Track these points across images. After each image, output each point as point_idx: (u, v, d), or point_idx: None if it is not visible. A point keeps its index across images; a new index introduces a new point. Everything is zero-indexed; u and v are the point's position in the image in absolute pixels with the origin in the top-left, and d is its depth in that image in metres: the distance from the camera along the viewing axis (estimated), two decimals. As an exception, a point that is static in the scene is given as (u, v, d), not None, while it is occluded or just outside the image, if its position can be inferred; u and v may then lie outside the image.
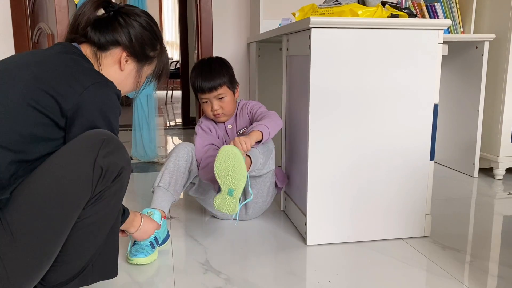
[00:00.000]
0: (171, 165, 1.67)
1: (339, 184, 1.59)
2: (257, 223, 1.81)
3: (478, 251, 1.57)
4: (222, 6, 2.91)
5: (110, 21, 1.17)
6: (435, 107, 1.61)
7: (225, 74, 1.73)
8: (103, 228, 1.07)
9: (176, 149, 1.71)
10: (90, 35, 1.15)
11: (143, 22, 1.20)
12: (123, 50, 1.18)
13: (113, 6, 1.19)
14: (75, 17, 1.17)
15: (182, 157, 1.68)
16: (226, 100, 1.74)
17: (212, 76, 1.70)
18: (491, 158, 2.47)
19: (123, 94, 1.18)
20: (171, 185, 1.64)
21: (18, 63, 1.04)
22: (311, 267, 1.46)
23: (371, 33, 1.52)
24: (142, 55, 1.22)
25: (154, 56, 1.26)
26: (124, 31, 1.17)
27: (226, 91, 1.74)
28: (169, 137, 4.06)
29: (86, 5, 1.16)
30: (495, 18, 2.41)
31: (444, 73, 2.66)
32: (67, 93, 0.99)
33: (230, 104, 1.76)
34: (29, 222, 0.92)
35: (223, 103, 1.74)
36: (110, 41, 1.16)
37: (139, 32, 1.19)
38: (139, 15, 1.20)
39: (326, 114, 1.54)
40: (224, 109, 1.75)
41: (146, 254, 1.46)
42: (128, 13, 1.19)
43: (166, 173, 1.65)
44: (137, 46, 1.19)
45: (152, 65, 1.27)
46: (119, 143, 1.04)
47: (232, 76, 1.77)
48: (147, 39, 1.21)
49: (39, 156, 0.98)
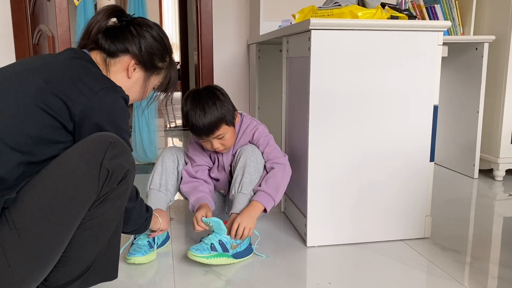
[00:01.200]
0: (159, 168, 1.67)
1: (339, 185, 1.59)
2: (257, 225, 1.80)
3: (478, 253, 1.57)
4: (222, 8, 2.91)
5: (122, 30, 1.20)
6: (435, 109, 1.62)
7: (220, 111, 1.54)
8: (106, 230, 1.08)
9: (162, 153, 1.71)
10: (101, 42, 1.18)
11: (155, 33, 1.23)
12: (132, 58, 1.20)
13: (126, 16, 1.23)
14: (89, 24, 1.20)
15: (168, 159, 1.68)
16: (226, 138, 1.59)
17: (207, 118, 1.52)
18: (491, 160, 2.48)
19: (129, 102, 1.20)
20: (162, 186, 1.65)
21: (28, 67, 1.06)
22: (311, 268, 1.46)
23: (371, 34, 1.52)
24: (150, 65, 1.24)
25: (163, 67, 1.29)
26: (135, 40, 1.20)
27: (225, 129, 1.57)
28: (169, 138, 4.06)
29: (100, 13, 1.20)
30: (495, 19, 2.41)
31: (444, 74, 2.66)
32: (76, 97, 1.02)
33: (231, 139, 1.62)
34: (35, 221, 0.94)
35: (224, 141, 1.59)
36: (120, 49, 1.19)
37: (149, 43, 1.22)
38: (151, 26, 1.23)
39: (326, 115, 1.55)
40: (225, 145, 1.61)
41: (143, 253, 1.46)
42: (141, 24, 1.22)
43: (155, 176, 1.66)
44: (146, 55, 1.22)
45: (159, 76, 1.30)
46: (125, 146, 1.05)
47: (228, 110, 1.57)
48: (156, 50, 1.24)
49: (46, 158, 1.00)
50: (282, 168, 1.61)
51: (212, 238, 1.45)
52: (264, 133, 1.69)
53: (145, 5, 2.79)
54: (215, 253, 1.42)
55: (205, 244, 1.43)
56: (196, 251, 1.41)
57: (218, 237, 1.45)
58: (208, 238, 1.46)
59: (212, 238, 1.45)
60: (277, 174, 1.59)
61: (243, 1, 2.94)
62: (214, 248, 1.42)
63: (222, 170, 1.73)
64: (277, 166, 1.61)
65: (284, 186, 1.60)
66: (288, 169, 1.63)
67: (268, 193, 1.54)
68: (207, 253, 1.41)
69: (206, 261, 1.41)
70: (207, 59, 2.94)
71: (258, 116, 2.67)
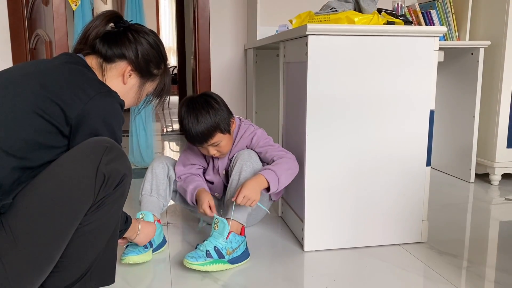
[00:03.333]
0: (149, 175, 1.69)
1: (337, 190, 1.60)
2: (254, 229, 1.81)
3: (475, 257, 1.58)
4: (219, 13, 2.92)
5: (119, 36, 1.20)
6: (431, 114, 1.62)
7: (214, 120, 1.54)
8: (103, 235, 1.08)
9: (152, 162, 1.74)
10: (98, 47, 1.19)
11: (151, 40, 1.24)
12: (128, 64, 1.21)
13: (124, 22, 1.23)
14: (86, 29, 1.20)
15: (157, 166, 1.70)
16: (222, 145, 1.60)
17: (200, 127, 1.53)
18: (487, 164, 2.49)
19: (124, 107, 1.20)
20: (153, 191, 1.66)
21: (24, 72, 1.06)
22: (308, 273, 1.46)
23: (367, 40, 1.53)
24: (145, 71, 1.25)
25: (157, 74, 1.29)
26: (132, 46, 1.20)
27: (220, 137, 1.57)
28: (166, 142, 4.06)
29: (98, 18, 1.20)
30: (490, 24, 2.43)
31: (440, 79, 2.68)
32: (72, 102, 1.02)
33: (228, 146, 1.63)
34: (31, 227, 0.93)
35: (220, 148, 1.60)
36: (117, 54, 1.19)
37: (146, 49, 1.22)
38: (147, 33, 1.24)
39: (323, 120, 1.55)
40: (221, 151, 1.62)
41: (137, 252, 1.46)
42: (138, 31, 1.23)
43: (146, 182, 1.68)
44: (142, 62, 1.22)
45: (154, 83, 1.30)
46: (121, 151, 1.05)
47: (223, 118, 1.57)
48: (152, 57, 1.24)
49: (41, 163, 1.00)
50: (292, 159, 1.59)
51: (208, 245, 1.44)
52: (263, 136, 1.69)
53: (142, 9, 2.80)
54: (211, 259, 1.42)
55: (200, 251, 1.43)
56: (192, 259, 1.41)
57: (214, 243, 1.45)
58: (203, 245, 1.45)
59: (208, 244, 1.45)
60: (284, 162, 1.57)
61: (240, 6, 2.95)
62: (210, 255, 1.42)
63: (217, 174, 1.73)
64: (286, 157, 1.59)
65: (291, 173, 1.56)
66: (296, 163, 1.60)
67: (273, 170, 1.52)
68: (203, 260, 1.41)
69: (202, 268, 1.41)
70: (205, 64, 2.95)
71: (256, 121, 2.67)
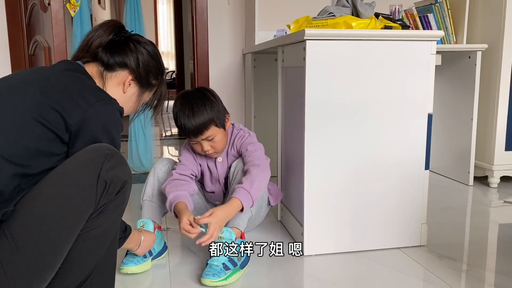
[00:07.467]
0: (151, 179, 1.67)
1: (336, 194, 1.60)
2: (253, 233, 1.81)
3: (474, 260, 1.58)
4: (217, 18, 2.93)
5: (121, 45, 1.22)
6: (429, 117, 1.63)
7: (210, 112, 1.53)
8: (104, 241, 1.08)
9: (154, 164, 1.71)
10: (101, 55, 1.20)
11: (151, 51, 1.26)
12: (129, 74, 1.22)
13: (126, 32, 1.26)
14: (88, 37, 1.22)
15: (160, 170, 1.68)
16: (216, 140, 1.58)
17: (196, 118, 1.51)
18: (486, 167, 2.49)
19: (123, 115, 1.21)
20: (154, 196, 1.64)
21: (24, 79, 1.07)
22: (308, 277, 1.46)
23: (365, 44, 1.54)
24: (145, 81, 1.27)
25: (155, 85, 1.31)
26: (133, 56, 1.22)
27: (215, 131, 1.56)
28: (165, 147, 4.06)
29: (101, 27, 1.22)
30: (487, 28, 2.44)
31: (437, 83, 2.68)
32: (72, 109, 1.02)
33: (222, 142, 1.61)
34: (33, 234, 0.94)
35: (214, 143, 1.59)
36: (118, 63, 1.21)
37: (147, 60, 1.25)
38: (147, 44, 1.27)
39: (321, 124, 1.56)
40: (215, 148, 1.60)
41: (136, 263, 1.46)
42: (139, 41, 1.25)
43: (147, 187, 1.66)
44: (143, 72, 1.24)
45: (151, 93, 1.33)
46: (121, 158, 1.06)
47: (219, 111, 1.57)
48: (152, 67, 1.27)
49: (41, 170, 1.00)
50: (257, 168, 1.54)
51: (221, 259, 1.41)
52: (253, 140, 1.66)
53: (141, 14, 2.81)
54: (230, 271, 1.41)
55: (216, 266, 1.40)
56: (213, 277, 1.37)
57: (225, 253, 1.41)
58: (217, 259, 1.41)
59: (221, 258, 1.41)
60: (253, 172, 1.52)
61: (238, 11, 2.96)
62: (227, 267, 1.40)
63: (217, 183, 1.72)
64: (252, 167, 1.55)
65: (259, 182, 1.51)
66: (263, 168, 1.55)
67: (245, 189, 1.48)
68: (223, 275, 1.39)
69: (226, 282, 1.39)
70: (203, 68, 2.95)
71: (254, 125, 2.67)
